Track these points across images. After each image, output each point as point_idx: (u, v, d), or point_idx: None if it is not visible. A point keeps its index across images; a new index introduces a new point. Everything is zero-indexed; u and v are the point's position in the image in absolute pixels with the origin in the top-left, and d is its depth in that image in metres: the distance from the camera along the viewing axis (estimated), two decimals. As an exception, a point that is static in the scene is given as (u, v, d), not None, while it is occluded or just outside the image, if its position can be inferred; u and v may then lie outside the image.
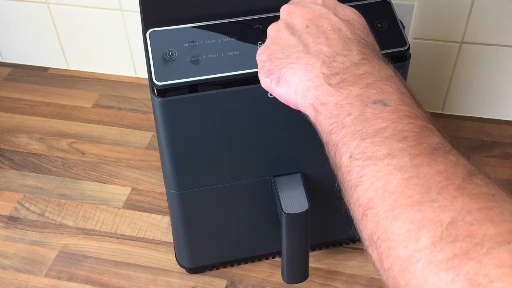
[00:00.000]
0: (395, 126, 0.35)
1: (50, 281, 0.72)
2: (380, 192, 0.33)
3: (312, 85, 0.40)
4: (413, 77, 0.86)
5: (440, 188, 0.31)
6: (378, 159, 0.34)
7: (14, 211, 0.81)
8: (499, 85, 0.88)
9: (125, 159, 0.88)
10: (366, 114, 0.36)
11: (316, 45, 0.42)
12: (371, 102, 0.37)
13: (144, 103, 0.97)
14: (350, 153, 0.36)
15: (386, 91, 0.38)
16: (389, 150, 0.34)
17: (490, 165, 0.85)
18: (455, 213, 0.30)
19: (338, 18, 0.44)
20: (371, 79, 0.38)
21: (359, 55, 0.40)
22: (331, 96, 0.39)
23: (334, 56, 0.40)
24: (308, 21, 0.44)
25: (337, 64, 0.40)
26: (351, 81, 0.38)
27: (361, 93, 0.38)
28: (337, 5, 0.46)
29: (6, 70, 1.04)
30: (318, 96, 0.39)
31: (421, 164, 0.33)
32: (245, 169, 0.61)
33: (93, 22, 0.95)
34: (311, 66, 0.41)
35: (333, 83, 0.39)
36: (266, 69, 0.44)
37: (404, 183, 0.32)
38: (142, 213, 0.80)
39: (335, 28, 0.43)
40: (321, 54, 0.41)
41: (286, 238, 0.62)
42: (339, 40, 0.42)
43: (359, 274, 0.72)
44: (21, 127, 0.93)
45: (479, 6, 0.79)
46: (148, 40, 0.55)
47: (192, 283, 0.71)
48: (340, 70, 0.39)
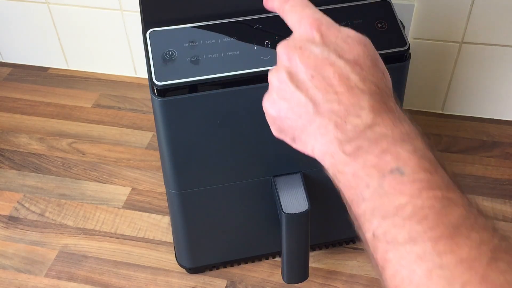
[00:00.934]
0: (414, 202, 0.34)
1: (50, 281, 0.72)
2: (406, 283, 0.33)
3: (327, 151, 0.39)
4: (413, 77, 0.86)
5: (463, 282, 0.31)
6: (400, 244, 0.34)
7: (14, 211, 0.81)
8: (499, 85, 0.88)
9: (125, 159, 0.88)
10: (384, 187, 0.35)
11: (327, 103, 0.39)
12: (388, 172, 0.36)
13: (144, 103, 0.97)
14: (373, 231, 0.36)
15: (402, 157, 0.36)
16: (410, 234, 0.34)
17: (490, 165, 0.85)
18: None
19: (344, 62, 0.39)
20: (386, 143, 0.37)
21: (371, 114, 0.38)
22: (348, 166, 0.38)
23: (346, 117, 0.38)
24: (312, 70, 0.40)
25: (350, 127, 0.38)
26: (365, 148, 0.37)
27: (377, 161, 0.36)
28: (338, 38, 0.41)
29: (6, 70, 1.04)
30: (334, 164, 0.39)
31: (443, 252, 0.32)
32: (245, 169, 0.61)
33: (93, 22, 0.95)
34: (325, 129, 0.39)
35: (348, 151, 0.38)
36: (278, 127, 0.43)
37: (427, 274, 0.32)
38: (142, 213, 0.80)
39: (342, 77, 0.39)
40: (333, 115, 0.39)
41: (286, 238, 0.62)
42: (349, 94, 0.39)
43: (359, 274, 0.72)
44: (21, 127, 0.93)
45: (479, 6, 0.79)
46: (148, 40, 0.55)
47: (192, 283, 0.71)
48: (354, 135, 0.38)
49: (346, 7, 0.57)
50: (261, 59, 0.54)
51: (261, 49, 0.54)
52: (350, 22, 0.56)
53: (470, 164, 0.85)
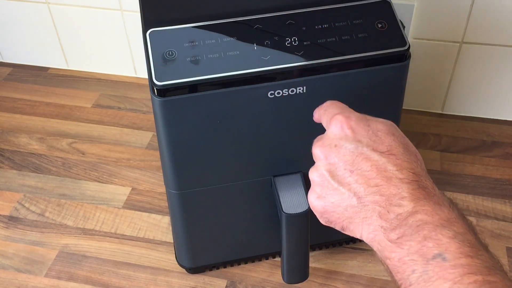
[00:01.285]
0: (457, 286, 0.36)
1: (50, 281, 0.72)
2: None
3: (374, 238, 0.41)
4: (413, 77, 0.86)
5: None
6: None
7: (14, 211, 0.81)
8: (499, 85, 0.88)
9: (125, 159, 0.88)
10: (428, 273, 0.37)
11: (369, 195, 0.42)
12: (431, 258, 0.37)
13: (144, 103, 0.97)
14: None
15: (443, 243, 0.38)
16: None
17: (490, 165, 0.85)
18: None
19: (379, 154, 0.42)
20: (427, 230, 0.39)
21: (411, 202, 0.40)
22: (393, 252, 0.40)
23: (388, 206, 0.41)
24: (350, 165, 0.43)
25: (393, 216, 0.40)
26: (408, 235, 0.39)
27: (419, 248, 0.38)
28: (369, 131, 0.44)
29: (6, 70, 1.04)
30: (381, 250, 0.41)
31: None
32: (245, 169, 0.61)
33: (93, 22, 0.95)
34: (370, 220, 0.42)
35: (393, 239, 0.40)
36: (326, 219, 0.45)
37: None
38: (142, 213, 0.80)
39: (380, 169, 0.42)
40: (376, 206, 0.41)
41: (286, 238, 0.62)
42: (389, 185, 0.41)
43: (359, 274, 0.72)
44: (21, 127, 0.93)
45: (479, 6, 0.79)
46: (148, 40, 0.55)
47: (192, 283, 0.71)
48: (398, 224, 0.40)
49: (346, 7, 0.57)
50: (261, 59, 0.54)
51: (261, 49, 0.54)
52: (350, 22, 0.56)
53: (470, 164, 0.85)
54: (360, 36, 0.55)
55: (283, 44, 0.54)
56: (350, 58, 0.54)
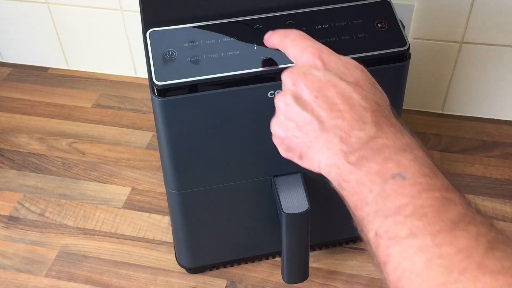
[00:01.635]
0: (415, 202, 0.36)
1: (50, 281, 0.72)
2: (407, 273, 0.35)
3: (333, 163, 0.41)
4: (413, 77, 0.86)
5: (461, 269, 0.33)
6: (402, 239, 0.36)
7: (14, 211, 0.81)
8: (499, 85, 0.88)
9: (125, 159, 0.88)
10: (386, 191, 0.38)
11: (331, 119, 0.42)
12: (390, 177, 0.38)
13: (144, 103, 0.97)
14: (375, 231, 0.38)
15: (403, 164, 0.38)
16: (410, 229, 0.36)
17: (490, 165, 0.85)
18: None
19: (346, 83, 0.43)
20: (388, 152, 0.39)
21: (374, 127, 0.41)
22: (352, 174, 0.40)
23: (350, 131, 0.41)
24: (316, 91, 0.43)
25: (355, 140, 0.41)
26: (369, 157, 0.40)
27: (379, 168, 0.39)
28: (338, 63, 0.44)
29: (6, 70, 1.04)
30: (339, 173, 0.41)
31: (442, 243, 0.34)
32: (245, 169, 0.61)
33: (93, 22, 0.95)
34: (330, 144, 0.42)
35: (352, 161, 0.40)
36: (286, 146, 0.46)
37: (428, 264, 0.34)
38: (142, 213, 0.80)
39: (345, 97, 0.42)
40: (338, 130, 0.41)
41: (286, 238, 0.62)
42: (353, 111, 0.41)
43: (359, 274, 0.72)
44: (21, 127, 0.93)
45: (479, 6, 0.79)
46: (148, 40, 0.55)
47: (192, 283, 0.71)
48: (358, 147, 0.40)
49: (346, 7, 0.57)
50: (261, 59, 0.54)
51: (261, 49, 0.54)
52: (350, 22, 0.56)
53: (470, 164, 0.85)
54: (360, 36, 0.55)
55: (283, 44, 0.54)
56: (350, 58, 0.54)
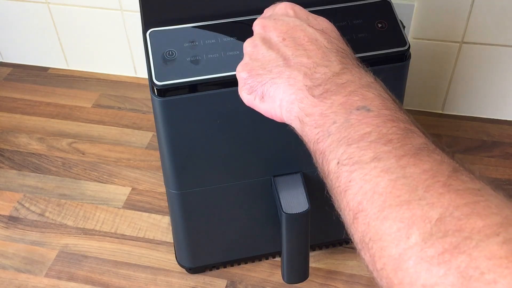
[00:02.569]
0: (379, 130, 0.36)
1: (50, 281, 0.72)
2: (369, 194, 0.34)
3: (296, 98, 0.41)
4: (413, 77, 0.86)
5: (426, 186, 0.32)
6: (365, 163, 0.35)
7: (14, 211, 0.81)
8: (499, 85, 0.88)
9: (125, 159, 0.88)
10: (350, 121, 0.37)
11: (296, 57, 0.42)
12: (354, 109, 0.38)
13: (144, 103, 0.97)
14: (338, 159, 0.37)
15: (368, 97, 0.39)
16: (375, 153, 0.35)
17: (490, 165, 0.85)
18: (443, 209, 0.31)
19: (313, 29, 0.44)
20: (353, 87, 0.39)
21: (339, 65, 0.41)
22: (316, 107, 0.39)
23: (315, 68, 0.41)
24: (284, 33, 0.44)
25: (319, 75, 0.41)
26: (334, 91, 0.39)
27: (344, 101, 0.39)
28: (309, 15, 0.46)
29: (6, 70, 1.04)
30: (303, 108, 0.40)
31: (407, 165, 0.34)
32: (245, 169, 0.61)
33: (93, 22, 0.95)
34: (294, 80, 0.41)
35: (317, 94, 0.40)
36: (249, 86, 0.44)
37: (391, 184, 0.33)
38: (142, 213, 0.80)
39: (311, 39, 0.43)
40: (302, 66, 0.41)
41: (286, 238, 0.62)
42: (318, 51, 0.42)
43: (359, 274, 0.72)
44: (21, 127, 0.93)
45: (479, 6, 0.79)
46: (148, 40, 0.55)
47: (192, 283, 0.71)
48: (323, 81, 0.40)
49: (346, 7, 0.57)
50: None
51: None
52: (350, 22, 0.56)
53: (470, 164, 0.85)
54: (360, 36, 0.55)
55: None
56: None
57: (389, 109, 0.38)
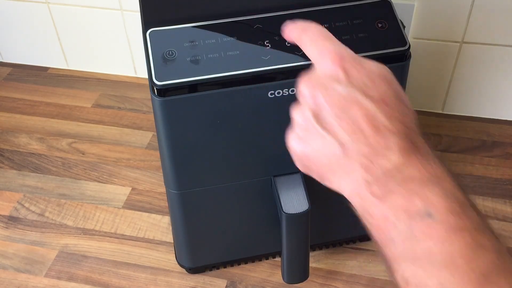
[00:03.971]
0: (445, 248, 0.34)
1: (50, 281, 0.72)
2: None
3: (355, 192, 0.39)
4: (413, 77, 0.86)
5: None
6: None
7: (14, 211, 0.81)
8: (499, 85, 0.88)
9: (125, 159, 0.88)
10: (413, 231, 0.35)
11: (354, 144, 0.38)
12: (416, 215, 0.36)
13: (144, 103, 0.97)
14: (402, 273, 0.36)
15: (430, 200, 0.36)
16: (439, 281, 0.34)
17: (490, 165, 0.85)
18: None
19: (370, 101, 0.38)
20: (414, 185, 0.37)
21: (399, 155, 0.37)
22: (376, 207, 0.37)
23: (374, 158, 0.38)
24: (338, 110, 0.39)
25: (379, 170, 0.38)
26: (394, 190, 0.37)
27: (405, 204, 0.36)
28: (362, 74, 0.40)
29: (6, 70, 1.04)
30: (363, 205, 0.38)
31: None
32: (245, 169, 0.61)
33: (93, 22, 0.95)
34: (352, 171, 0.39)
35: (376, 193, 0.37)
36: (305, 166, 0.42)
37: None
38: (142, 213, 0.80)
39: (369, 118, 0.38)
40: (361, 156, 0.38)
41: (286, 238, 0.62)
42: (377, 136, 0.38)
43: (359, 274, 0.72)
44: (21, 127, 0.93)
45: (479, 6, 0.79)
46: (148, 40, 0.55)
47: (192, 283, 0.71)
48: (382, 177, 0.37)
49: (346, 7, 0.57)
50: (261, 59, 0.54)
51: (261, 49, 0.54)
52: (350, 22, 0.56)
53: (470, 164, 0.85)
54: (360, 36, 0.55)
55: (283, 44, 0.54)
56: (350, 58, 0.54)
57: (454, 214, 0.35)
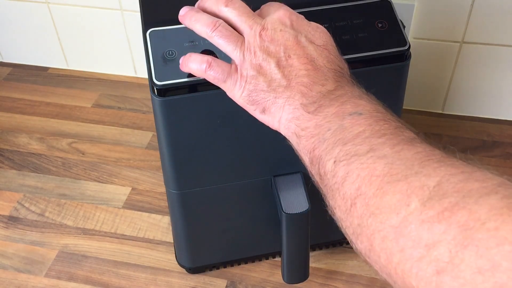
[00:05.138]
0: (372, 128, 0.38)
1: (50, 281, 0.72)
2: (367, 178, 0.36)
3: (293, 116, 0.44)
4: (413, 77, 0.86)
5: (421, 163, 0.34)
6: (362, 155, 0.37)
7: (14, 211, 0.81)
8: (499, 85, 0.88)
9: (125, 159, 0.87)
10: (344, 125, 0.40)
11: (297, 78, 0.45)
12: (347, 115, 0.40)
13: (144, 103, 0.97)
14: (334, 158, 0.39)
15: (360, 104, 0.41)
16: (370, 146, 0.37)
17: (490, 165, 0.85)
18: (439, 178, 0.32)
19: (314, 46, 0.46)
20: (345, 98, 0.42)
21: (334, 83, 0.44)
22: (310, 121, 0.42)
23: (312, 86, 0.44)
24: (290, 50, 0.45)
25: (315, 93, 0.44)
26: (327, 105, 0.42)
27: (337, 110, 0.41)
28: (308, 26, 0.47)
29: (6, 70, 1.04)
30: (299, 124, 0.43)
31: (401, 150, 0.36)
32: (245, 169, 0.61)
33: (93, 22, 0.95)
34: (292, 99, 0.44)
35: (311, 110, 0.43)
36: (252, 99, 0.47)
37: (388, 166, 0.35)
38: (142, 213, 0.80)
39: (313, 57, 0.45)
40: (301, 86, 0.44)
41: (286, 238, 0.62)
42: (318, 71, 0.45)
43: (359, 274, 0.72)
44: (21, 127, 0.93)
45: (479, 6, 0.79)
46: (148, 40, 0.55)
47: (192, 283, 0.71)
48: (317, 99, 0.43)
49: (346, 7, 0.57)
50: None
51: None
52: (350, 22, 0.56)
53: (470, 164, 0.85)
54: (360, 36, 0.55)
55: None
56: (350, 57, 0.53)
57: (380, 112, 0.41)
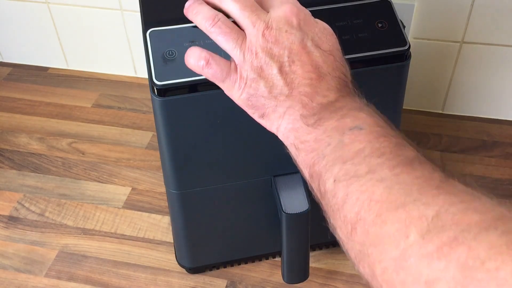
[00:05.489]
0: (372, 145, 0.38)
1: (50, 281, 0.72)
2: (366, 203, 0.35)
3: (292, 127, 0.43)
4: (413, 77, 0.86)
5: (420, 189, 0.34)
6: (361, 176, 0.36)
7: (14, 211, 0.81)
8: (499, 85, 0.88)
9: (125, 159, 0.87)
10: (344, 141, 0.39)
11: (299, 86, 0.43)
12: (347, 130, 0.39)
13: (144, 103, 0.97)
14: (334, 177, 0.38)
15: (360, 118, 0.40)
16: (369, 167, 0.36)
17: (490, 165, 0.85)
18: (438, 207, 0.32)
19: (320, 51, 0.44)
20: (345, 110, 0.41)
21: (336, 94, 0.43)
22: (310, 134, 0.41)
23: (313, 96, 0.42)
24: (294, 55, 0.43)
25: (315, 105, 0.42)
26: (327, 118, 0.41)
27: (337, 124, 0.40)
28: (315, 28, 0.45)
29: (6, 70, 1.04)
30: (298, 136, 0.42)
31: (400, 173, 0.35)
32: (245, 169, 0.61)
33: (93, 22, 0.95)
34: (293, 109, 0.43)
35: (311, 123, 0.41)
36: (251, 103, 0.45)
37: (387, 191, 0.35)
38: (142, 213, 0.80)
39: (317, 65, 0.43)
40: (303, 96, 0.43)
41: (286, 238, 0.62)
42: (321, 81, 0.43)
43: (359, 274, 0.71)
44: (21, 127, 0.93)
45: (479, 6, 0.79)
46: (148, 40, 0.55)
47: (192, 283, 0.71)
48: (318, 110, 0.42)
49: (346, 7, 0.57)
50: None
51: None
52: (350, 22, 0.56)
53: (470, 164, 0.85)
54: (360, 36, 0.55)
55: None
56: (350, 57, 0.53)
57: (380, 126, 0.39)
